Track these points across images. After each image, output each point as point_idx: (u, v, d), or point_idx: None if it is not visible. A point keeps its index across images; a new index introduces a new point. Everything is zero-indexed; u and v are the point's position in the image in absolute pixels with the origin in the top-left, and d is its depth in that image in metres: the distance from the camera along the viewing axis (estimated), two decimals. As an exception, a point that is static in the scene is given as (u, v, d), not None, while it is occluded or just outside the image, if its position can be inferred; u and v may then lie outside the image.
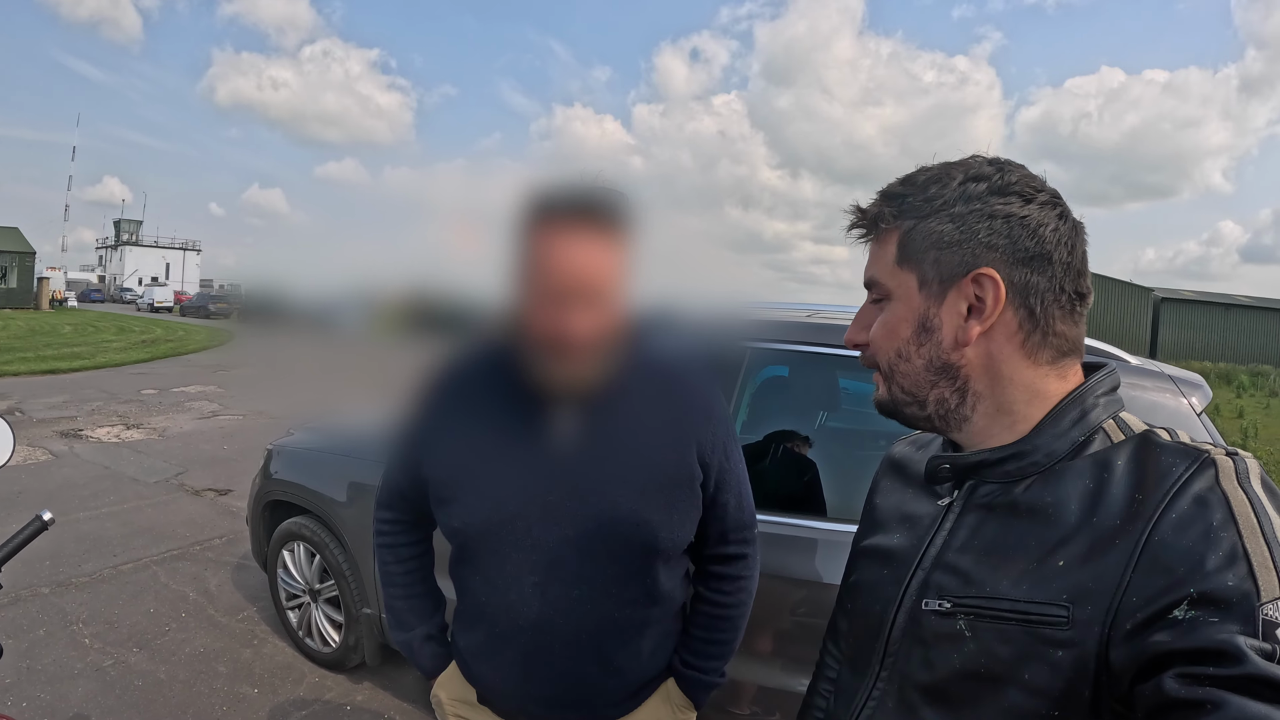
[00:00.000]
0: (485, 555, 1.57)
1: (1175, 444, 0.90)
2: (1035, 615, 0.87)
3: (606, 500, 1.51)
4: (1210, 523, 0.80)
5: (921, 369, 1.02)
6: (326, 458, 4.04)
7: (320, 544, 3.93)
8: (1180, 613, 0.76)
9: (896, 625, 1.05)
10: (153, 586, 5.08)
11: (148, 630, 4.46)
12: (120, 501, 6.93)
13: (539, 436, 1.52)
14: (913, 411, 1.05)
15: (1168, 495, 0.84)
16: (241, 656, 4.23)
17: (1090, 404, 0.98)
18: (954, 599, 0.97)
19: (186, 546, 5.85)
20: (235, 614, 4.75)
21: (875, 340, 1.05)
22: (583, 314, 1.37)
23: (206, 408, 12.56)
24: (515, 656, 1.59)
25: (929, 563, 1.03)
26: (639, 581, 1.58)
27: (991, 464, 1.00)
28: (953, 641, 0.95)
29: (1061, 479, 0.94)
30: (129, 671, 3.99)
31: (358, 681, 4.04)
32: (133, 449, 9.16)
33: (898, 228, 1.01)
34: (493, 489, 1.52)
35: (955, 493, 1.06)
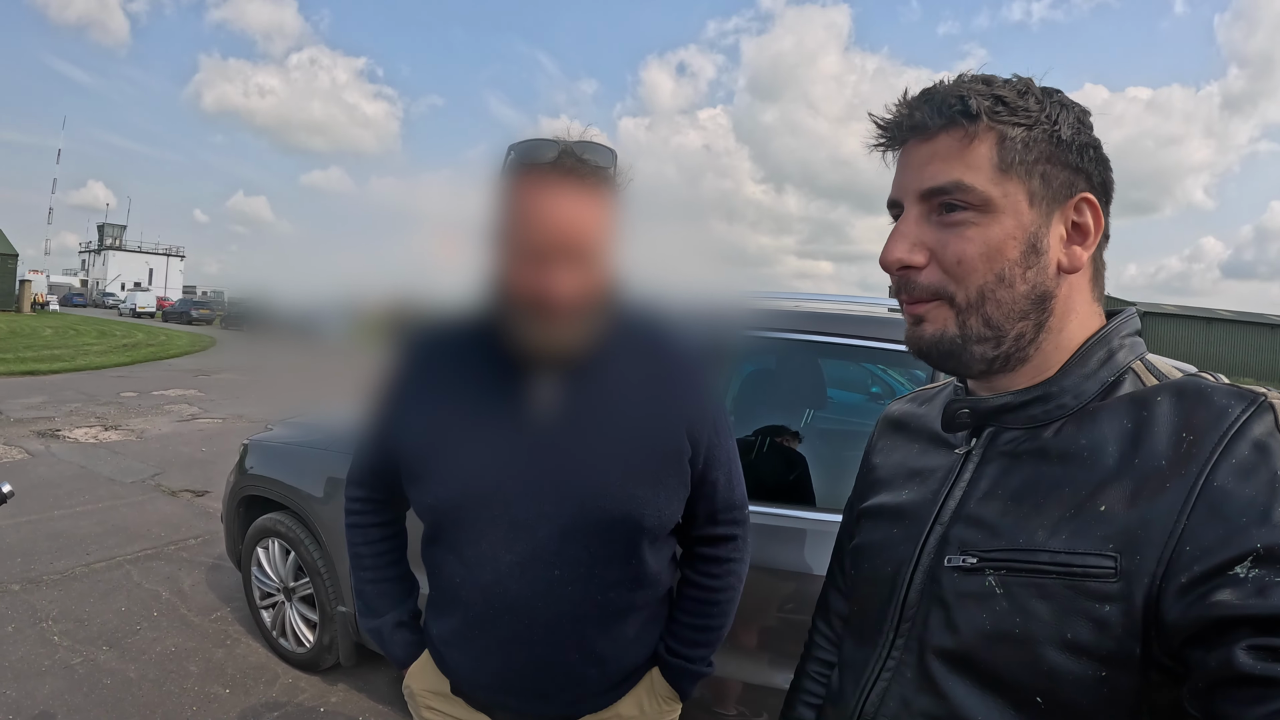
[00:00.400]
0: (460, 534, 1.47)
1: (1225, 385, 0.83)
2: (1078, 567, 0.79)
3: (591, 476, 1.42)
4: (1275, 472, 0.73)
5: (1022, 297, 0.89)
6: (304, 452, 3.97)
7: (295, 540, 3.86)
8: (1243, 570, 0.70)
9: (913, 586, 0.96)
10: (125, 585, 5.00)
11: (118, 629, 4.38)
12: (95, 501, 6.84)
13: (519, 407, 1.43)
14: (981, 351, 0.92)
15: (1226, 437, 0.76)
16: (214, 656, 4.15)
17: (1116, 345, 0.93)
18: (981, 553, 0.88)
19: (161, 546, 5.76)
20: (208, 614, 4.67)
21: (970, 261, 0.88)
22: (566, 272, 1.29)
23: (186, 411, 12.44)
24: (491, 643, 1.50)
25: (948, 516, 0.95)
26: (624, 563, 1.49)
27: (1015, 408, 0.93)
28: (981, 601, 0.87)
29: (1096, 420, 0.87)
30: (98, 670, 3.91)
31: (332, 683, 3.97)
32: (110, 450, 9.06)
33: (995, 130, 0.88)
34: (468, 463, 1.43)
35: (973, 441, 0.98)
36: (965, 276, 0.89)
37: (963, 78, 0.92)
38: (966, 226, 0.88)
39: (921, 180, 0.91)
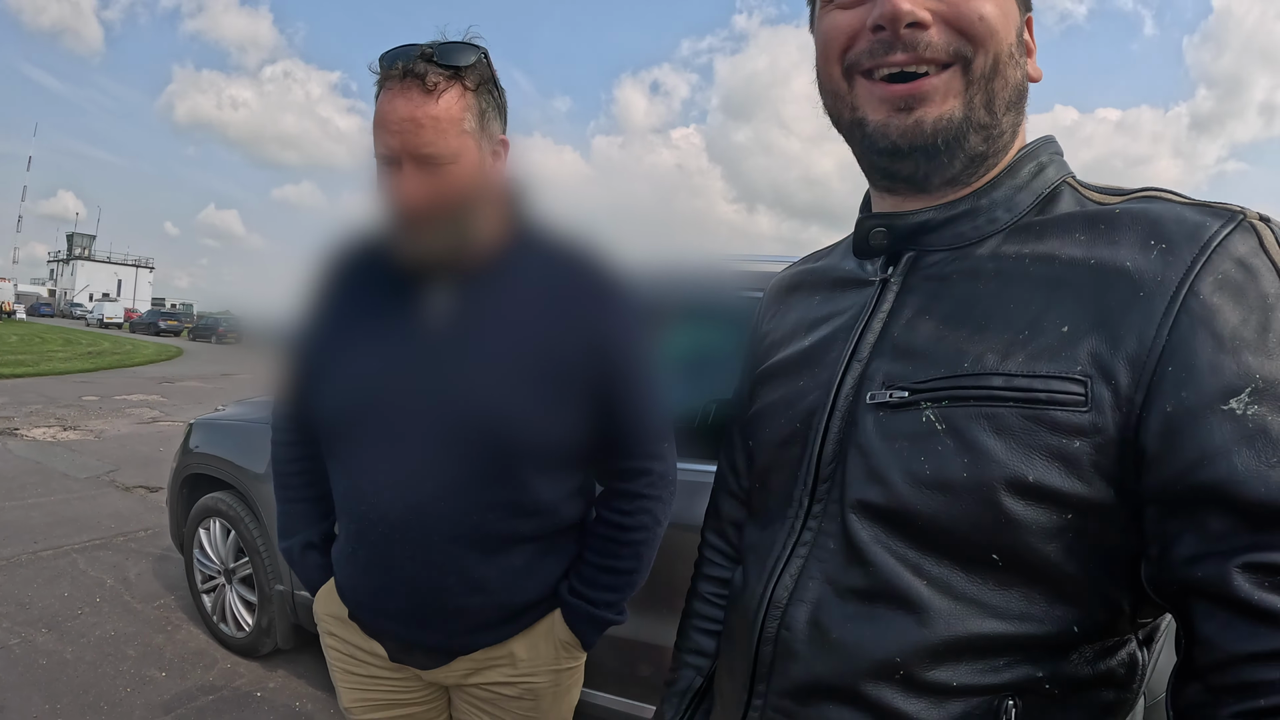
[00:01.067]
0: (343, 446, 1.44)
1: (1190, 200, 0.72)
2: (1041, 392, 0.67)
3: (470, 390, 1.35)
4: (1264, 294, 0.63)
5: (1015, 85, 0.78)
6: (248, 427, 3.94)
7: (236, 519, 3.84)
8: (1239, 405, 0.59)
9: (829, 438, 0.80)
10: (70, 572, 4.95)
11: (60, 613, 4.34)
12: (48, 494, 6.77)
13: (407, 320, 1.39)
14: (974, 144, 0.77)
15: (1208, 249, 0.65)
16: (153, 641, 4.11)
17: (1045, 159, 0.82)
18: (914, 384, 0.74)
19: (110, 537, 5.71)
20: (151, 601, 4.63)
21: (991, 18, 0.74)
22: (413, 178, 1.27)
23: (147, 414, 12.35)
24: (370, 561, 1.44)
25: (867, 351, 0.81)
26: (505, 485, 1.39)
27: (940, 224, 0.80)
28: (917, 441, 0.72)
29: (1040, 233, 0.76)
30: (34, 650, 3.88)
31: (271, 669, 3.93)
32: (67, 448, 8.97)
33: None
34: (353, 373, 1.40)
35: (890, 270, 0.84)
36: (988, 38, 0.74)
37: None
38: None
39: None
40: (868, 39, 0.76)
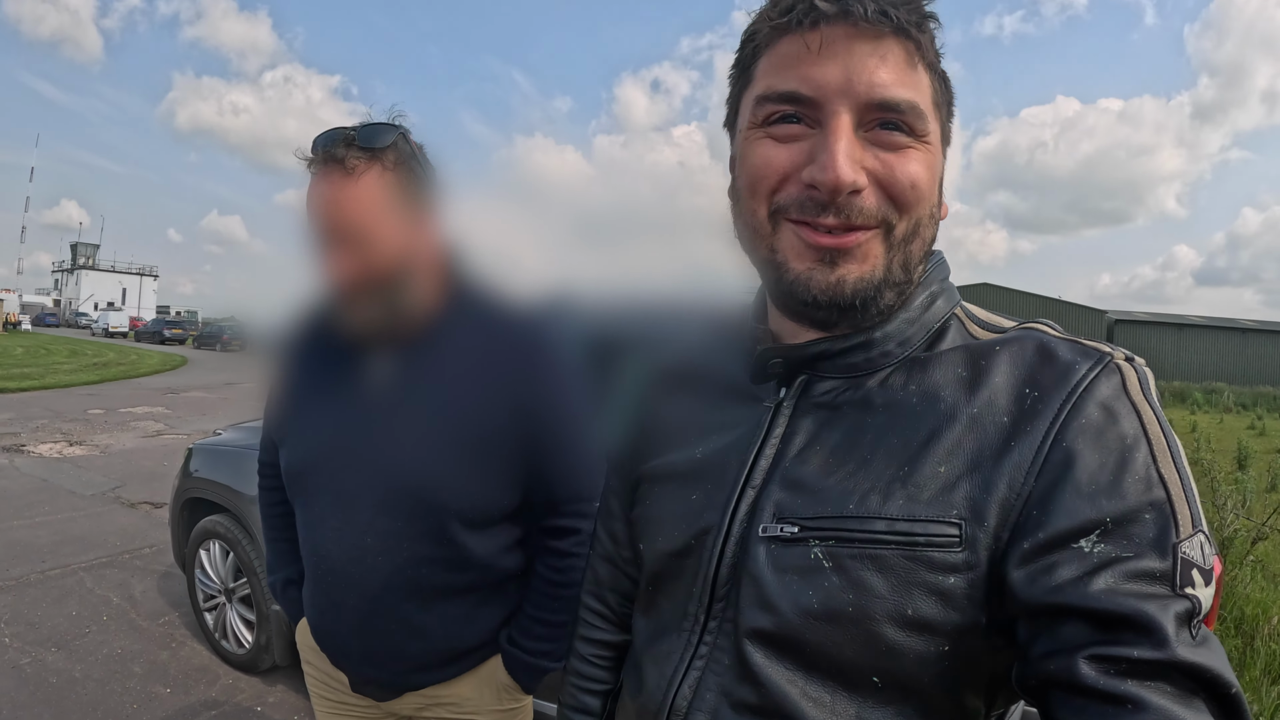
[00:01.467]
0: (300, 498, 1.58)
1: (1067, 339, 0.78)
2: (920, 536, 0.72)
3: (399, 453, 1.46)
4: (1123, 438, 0.69)
5: (930, 239, 0.81)
6: (242, 452, 4.05)
7: (234, 541, 3.96)
8: (1088, 544, 0.66)
9: (724, 561, 0.83)
10: (77, 591, 5.07)
11: (68, 632, 4.46)
12: (54, 512, 6.90)
13: (352, 384, 1.52)
14: (887, 298, 0.79)
15: (1074, 395, 0.71)
16: (158, 658, 4.23)
17: (937, 290, 0.86)
18: (803, 521, 0.78)
19: (116, 555, 5.83)
20: (156, 618, 4.75)
21: (922, 186, 0.76)
22: (339, 255, 1.37)
23: (152, 427, 12.48)
24: (324, 603, 1.58)
25: (760, 478, 0.83)
26: (436, 542, 1.49)
27: (835, 354, 0.83)
28: (806, 575, 0.76)
29: (926, 369, 0.80)
30: (45, 669, 4.00)
31: (271, 684, 4.05)
32: (73, 464, 9.10)
33: (931, 62, 0.78)
34: (307, 433, 1.55)
35: (783, 391, 0.87)
36: (914, 205, 0.77)
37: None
38: (909, 151, 0.76)
39: (874, 86, 0.74)
40: (799, 188, 0.76)
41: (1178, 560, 0.64)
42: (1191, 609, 0.64)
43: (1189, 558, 0.65)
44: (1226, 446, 15.83)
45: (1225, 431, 20.46)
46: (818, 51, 0.74)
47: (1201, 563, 0.66)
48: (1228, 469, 12.64)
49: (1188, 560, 0.65)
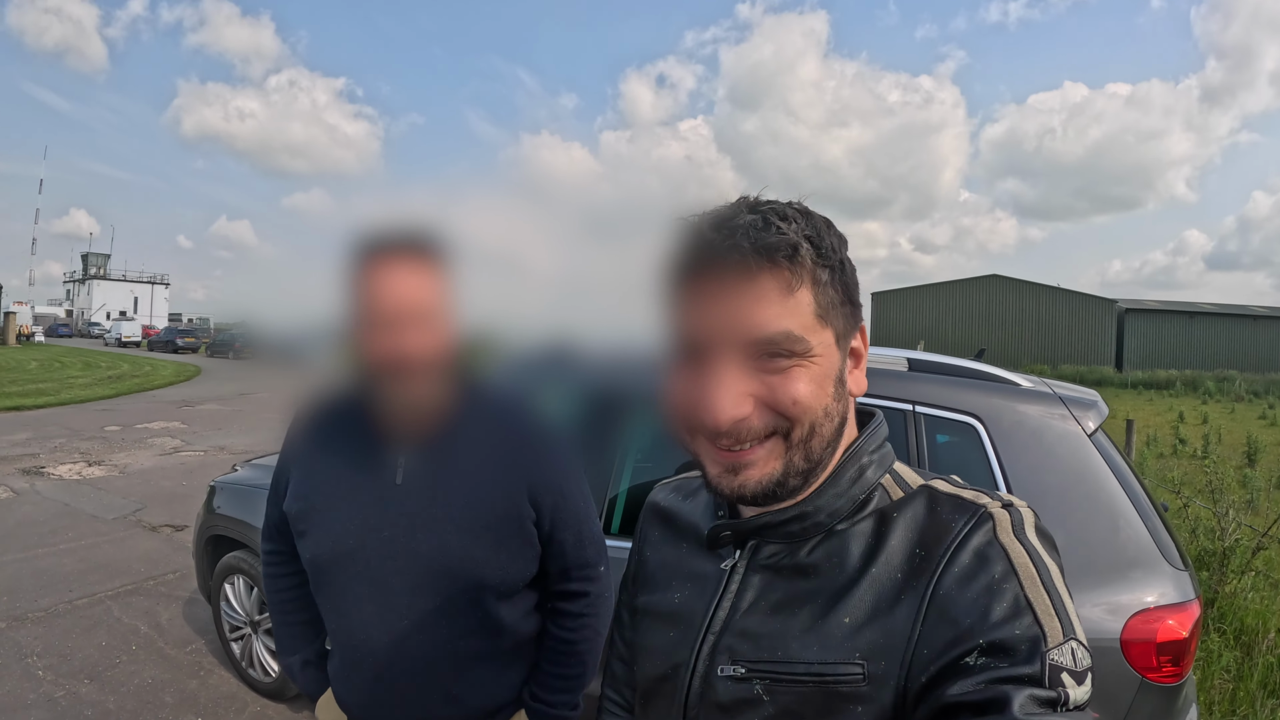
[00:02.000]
0: (331, 585, 1.67)
1: (953, 496, 0.93)
2: (830, 676, 0.87)
3: (435, 538, 1.61)
4: (992, 575, 0.82)
5: (834, 429, 0.93)
6: (262, 493, 4.16)
7: (257, 577, 4.11)
8: (972, 659, 0.78)
9: (692, 691, 1.01)
10: (106, 620, 5.23)
11: (99, 662, 4.61)
12: (78, 538, 7.06)
13: (378, 475, 1.64)
14: (794, 483, 0.91)
15: (948, 550, 0.86)
16: (188, 687, 4.39)
17: (866, 461, 0.98)
18: (748, 663, 0.95)
19: (141, 581, 6.00)
20: (184, 646, 4.90)
21: (806, 402, 0.87)
22: (405, 334, 1.49)
23: (169, 444, 12.66)
24: (363, 682, 1.69)
25: (718, 626, 1.01)
26: (472, 615, 1.66)
27: (775, 525, 0.97)
28: (751, 706, 0.94)
29: (844, 539, 0.95)
30: (79, 702, 4.15)
31: (297, 710, 4.21)
32: (93, 486, 9.27)
33: (812, 274, 0.87)
34: (336, 523, 1.63)
35: (738, 554, 1.03)
36: (801, 415, 0.88)
37: (759, 206, 0.89)
38: (793, 370, 0.87)
39: (745, 329, 0.85)
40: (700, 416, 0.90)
41: (1045, 665, 0.76)
42: (1056, 698, 0.75)
43: (1057, 663, 0.77)
44: (1237, 439, 15.84)
45: (1236, 422, 20.47)
46: (708, 298, 0.87)
47: (1073, 666, 0.78)
48: (1237, 463, 12.68)
49: (1056, 665, 0.77)
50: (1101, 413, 2.71)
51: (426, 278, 1.53)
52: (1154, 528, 2.52)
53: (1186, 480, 9.47)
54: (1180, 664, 2.39)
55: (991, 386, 2.79)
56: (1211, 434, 15.90)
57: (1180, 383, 34.08)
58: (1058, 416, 2.62)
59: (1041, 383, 2.90)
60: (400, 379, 1.53)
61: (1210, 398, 29.44)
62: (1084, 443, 2.56)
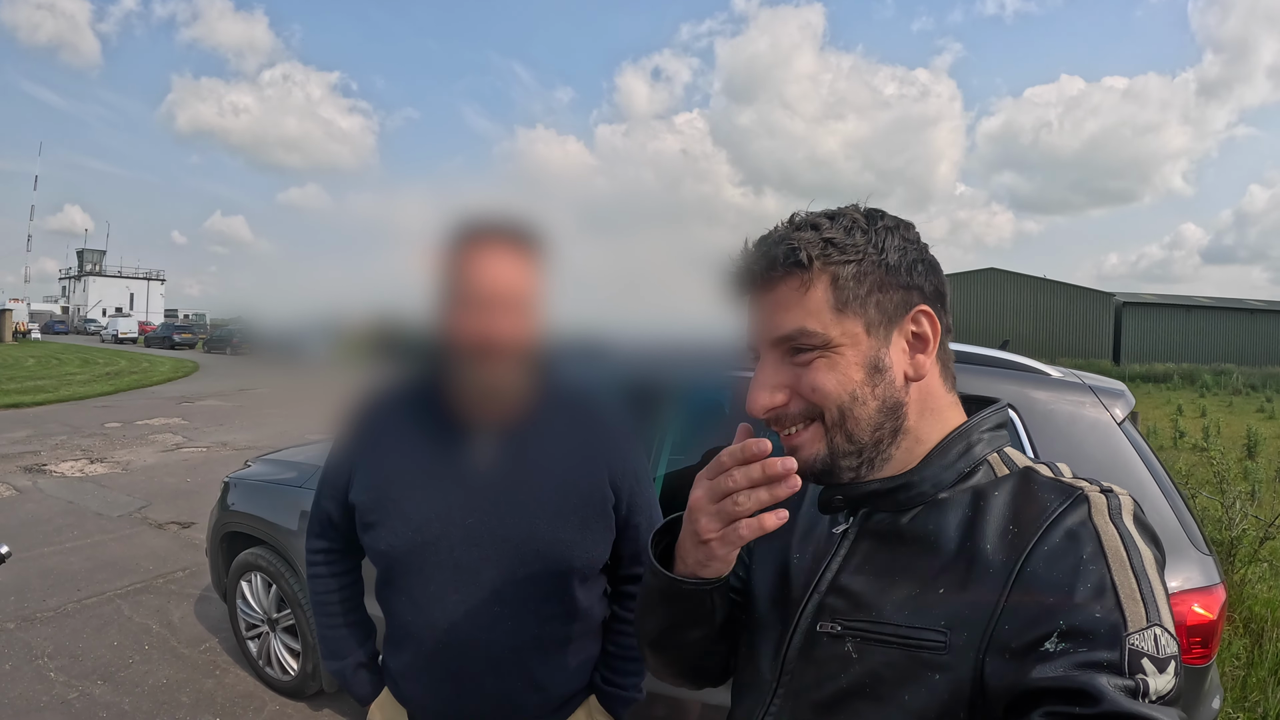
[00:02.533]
0: (410, 577, 1.65)
1: (1052, 480, 0.97)
2: (915, 640, 0.92)
3: (524, 522, 1.62)
4: (1080, 556, 0.85)
5: (875, 411, 0.99)
6: (279, 489, 4.20)
7: (276, 574, 4.09)
8: (1051, 645, 0.80)
9: (793, 645, 1.07)
10: (116, 620, 5.20)
11: (112, 663, 4.58)
12: (84, 536, 7.03)
13: (460, 462, 1.64)
14: (849, 463, 1.01)
15: (1041, 529, 0.89)
16: (204, 687, 4.36)
17: (975, 439, 1.03)
18: (844, 622, 1.00)
19: (150, 579, 5.97)
20: (197, 645, 4.88)
21: (824, 390, 0.98)
22: (501, 318, 1.51)
23: (170, 440, 12.61)
24: (442, 675, 1.67)
25: (825, 587, 1.06)
26: (558, 599, 1.69)
27: (883, 494, 1.02)
28: (841, 662, 0.99)
29: (944, 509, 0.99)
30: (94, 704, 4.12)
31: (317, 709, 4.18)
32: (96, 483, 9.23)
33: (828, 272, 0.98)
34: (416, 513, 1.62)
35: (850, 520, 1.08)
36: (824, 401, 0.98)
37: (795, 220, 1.03)
38: (815, 361, 0.99)
39: (771, 329, 1.01)
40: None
41: (1125, 651, 0.78)
42: (1137, 688, 0.76)
43: (1138, 648, 0.78)
44: (1236, 432, 15.87)
45: (1235, 415, 20.51)
46: (750, 307, 1.06)
47: (1154, 652, 0.79)
48: (1238, 456, 12.71)
49: (1137, 650, 0.78)
50: (1129, 402, 2.74)
51: (526, 265, 1.56)
52: (1180, 513, 2.54)
53: (1190, 472, 9.48)
54: (1208, 646, 2.44)
55: (1023, 376, 2.79)
56: (1210, 427, 15.94)
57: (1178, 376, 34.07)
58: (1088, 405, 2.63)
59: (1070, 373, 2.90)
60: (490, 363, 1.54)
61: (1208, 391, 29.47)
62: (1114, 431, 2.58)
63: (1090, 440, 2.59)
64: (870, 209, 1.04)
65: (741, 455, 0.92)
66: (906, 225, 1.04)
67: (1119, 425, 2.60)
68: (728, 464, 0.94)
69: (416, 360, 1.78)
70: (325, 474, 1.81)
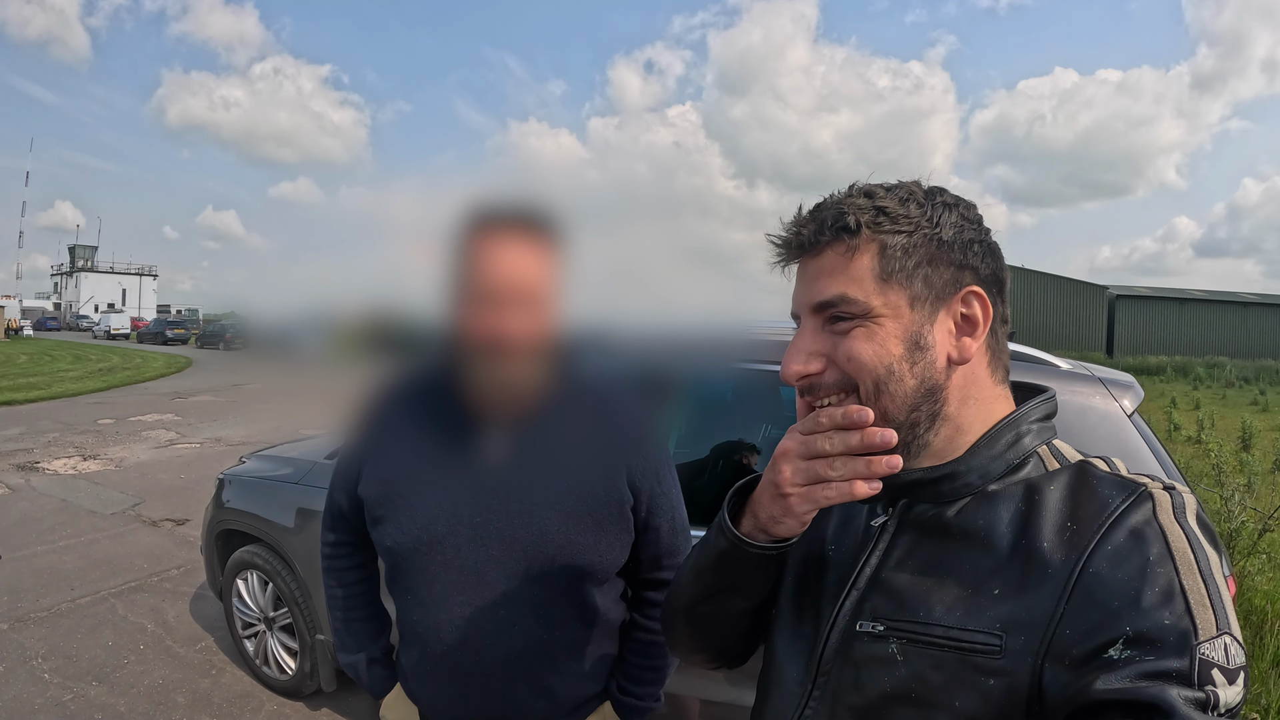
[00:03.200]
0: (415, 575, 1.60)
1: (1112, 475, 0.91)
2: (967, 643, 0.87)
3: (534, 523, 1.55)
4: (1147, 557, 0.80)
5: (913, 390, 0.95)
6: (275, 485, 4.13)
7: (273, 572, 4.03)
8: (1116, 652, 0.76)
9: (830, 644, 1.02)
10: (111, 619, 5.14)
11: (106, 663, 4.53)
12: (77, 534, 6.95)
13: (469, 458, 1.57)
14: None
15: (1103, 527, 0.84)
16: (200, 687, 4.31)
17: (1025, 429, 0.98)
18: (887, 622, 0.95)
19: (144, 578, 5.91)
20: (193, 644, 4.83)
21: (860, 360, 0.94)
22: (516, 314, 1.43)
23: (164, 436, 12.53)
24: (447, 677, 1.62)
25: (864, 583, 1.01)
26: (569, 603, 1.62)
27: (926, 484, 0.98)
28: (884, 665, 0.94)
29: (994, 503, 0.94)
30: (89, 705, 4.07)
31: (315, 708, 4.14)
32: (90, 481, 9.16)
33: (876, 240, 0.95)
34: (422, 509, 1.56)
35: (890, 511, 1.04)
36: (859, 372, 0.94)
37: (852, 189, 1.00)
38: (854, 331, 0.95)
39: (812, 295, 0.98)
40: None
41: (1195, 660, 0.74)
42: (1207, 700, 0.73)
43: (1208, 658, 0.74)
44: (1231, 425, 15.91)
45: (1229, 408, 20.57)
46: (797, 274, 1.03)
47: (1225, 663, 0.75)
48: (1233, 448, 12.73)
49: (1206, 660, 0.74)
50: (1138, 395, 2.71)
51: (544, 256, 1.48)
52: (1190, 504, 2.52)
53: (1188, 465, 9.49)
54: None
55: (1033, 367, 2.76)
56: (1205, 419, 15.97)
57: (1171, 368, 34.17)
58: (1098, 397, 2.60)
59: (1079, 365, 2.89)
60: (503, 358, 1.47)
61: (1201, 384, 29.57)
62: (1125, 423, 2.55)
63: (1100, 432, 2.56)
64: (933, 185, 1.01)
65: (842, 419, 0.88)
66: (967, 204, 1.00)
67: (1129, 417, 2.58)
68: (826, 424, 0.89)
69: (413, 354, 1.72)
70: (338, 465, 1.77)
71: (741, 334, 3.17)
